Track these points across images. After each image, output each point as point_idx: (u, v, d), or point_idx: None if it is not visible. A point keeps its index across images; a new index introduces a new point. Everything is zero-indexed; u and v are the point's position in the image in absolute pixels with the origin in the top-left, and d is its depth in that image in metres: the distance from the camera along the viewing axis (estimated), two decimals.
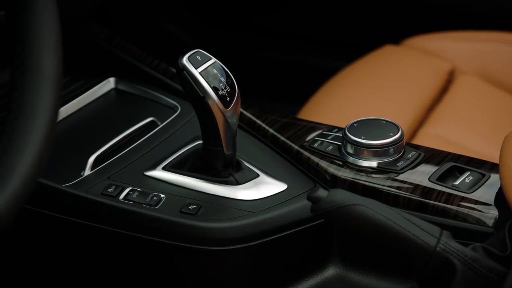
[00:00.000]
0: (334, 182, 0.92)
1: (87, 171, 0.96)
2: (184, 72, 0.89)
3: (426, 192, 0.89)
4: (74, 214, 0.91)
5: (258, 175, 0.95)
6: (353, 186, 0.91)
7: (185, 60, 0.89)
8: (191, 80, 0.89)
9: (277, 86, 1.56)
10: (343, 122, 1.01)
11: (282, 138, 0.98)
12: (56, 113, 0.73)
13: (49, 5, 0.72)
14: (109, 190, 0.92)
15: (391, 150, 0.92)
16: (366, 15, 1.49)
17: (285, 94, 1.54)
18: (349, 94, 1.22)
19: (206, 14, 1.58)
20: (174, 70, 1.08)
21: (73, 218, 0.91)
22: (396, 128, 0.93)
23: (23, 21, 0.71)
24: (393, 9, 1.49)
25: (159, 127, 1.03)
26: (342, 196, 0.83)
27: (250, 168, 0.96)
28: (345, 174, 0.92)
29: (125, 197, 0.91)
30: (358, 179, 0.91)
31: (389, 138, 0.92)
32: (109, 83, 1.11)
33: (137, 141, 1.00)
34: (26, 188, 0.69)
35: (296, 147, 0.96)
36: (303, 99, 1.29)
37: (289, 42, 1.55)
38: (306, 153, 0.95)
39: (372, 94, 1.22)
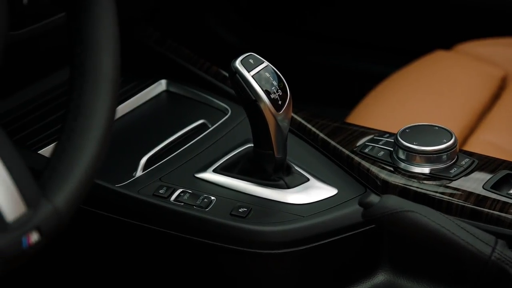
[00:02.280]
0: (385, 188, 0.91)
1: (139, 172, 0.97)
2: (237, 75, 0.89)
3: (480, 200, 0.88)
4: (126, 214, 0.92)
5: (308, 179, 0.95)
6: (404, 192, 0.90)
7: (238, 63, 0.90)
8: (243, 83, 0.89)
9: (325, 90, 1.56)
10: (393, 127, 1.00)
11: (333, 143, 0.98)
12: (113, 113, 0.74)
13: (109, 7, 0.73)
14: (161, 191, 0.93)
15: (444, 156, 0.91)
16: (416, 19, 1.48)
17: (333, 98, 1.54)
18: (400, 100, 1.21)
19: (255, 17, 1.58)
20: (224, 73, 1.09)
21: (125, 218, 0.92)
22: (450, 134, 0.92)
23: (83, 22, 0.72)
24: (444, 13, 1.47)
25: (209, 130, 1.03)
26: (394, 202, 0.82)
27: (300, 172, 0.96)
28: (396, 180, 0.91)
29: (176, 199, 0.92)
30: (410, 185, 0.90)
31: (442, 144, 0.91)
32: (161, 85, 1.12)
33: (188, 143, 1.01)
34: (84, 187, 0.70)
35: (346, 152, 0.96)
36: (351, 104, 1.28)
37: (338, 46, 1.54)
38: (357, 158, 0.95)
39: (423, 100, 1.21)
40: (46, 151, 0.98)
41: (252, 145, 0.95)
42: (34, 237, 0.65)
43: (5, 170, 0.64)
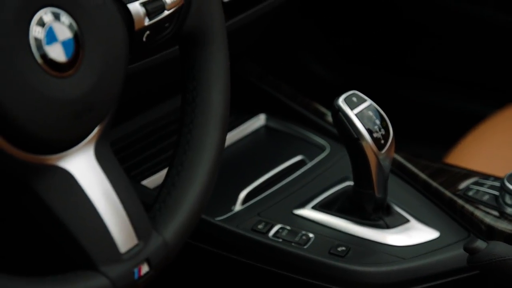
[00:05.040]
0: (490, 233, 0.89)
1: (238, 206, 0.97)
2: (340, 113, 0.89)
3: None
4: (225, 248, 0.93)
5: (408, 221, 0.93)
6: (511, 239, 0.87)
7: (341, 101, 0.89)
8: (346, 122, 0.89)
9: (419, 128, 1.53)
10: (497, 170, 0.98)
11: (434, 184, 0.96)
12: (222, 149, 0.75)
13: (222, 45, 0.75)
14: (259, 226, 0.93)
15: None
16: None
17: (428, 137, 1.51)
18: (503, 141, 1.18)
19: (350, 53, 1.58)
20: (323, 109, 1.09)
21: (224, 252, 0.93)
22: None
23: (197, 60, 0.74)
24: None
25: (308, 166, 1.03)
26: (503, 249, 0.80)
27: (400, 213, 0.94)
28: (503, 225, 0.88)
29: (274, 235, 0.92)
30: None
31: None
32: (260, 120, 1.13)
33: (286, 178, 1.01)
34: (192, 221, 0.70)
35: (449, 194, 0.94)
36: (446, 142, 1.26)
37: (435, 83, 1.52)
38: (460, 201, 0.93)
39: None
40: (149, 182, 0.99)
41: (351, 183, 0.94)
42: (144, 268, 0.66)
43: (120, 203, 0.65)
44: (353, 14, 1.56)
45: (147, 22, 0.69)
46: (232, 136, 1.09)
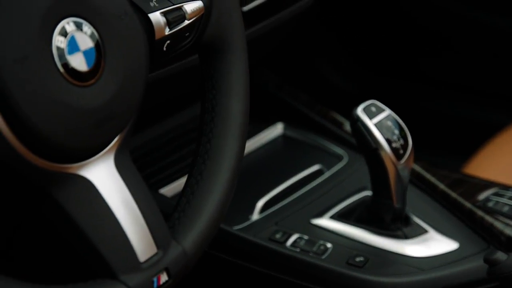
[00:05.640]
0: (510, 245, 0.88)
1: (255, 215, 0.97)
2: (358, 122, 0.89)
3: None
4: (242, 257, 0.92)
5: (427, 231, 0.93)
6: None
7: (359, 111, 0.89)
8: (364, 131, 0.89)
9: (437, 138, 1.52)
10: None
11: (453, 195, 0.95)
12: (241, 158, 0.75)
13: (242, 54, 0.75)
14: (277, 236, 0.93)
15: None
16: None
17: (448, 147, 1.50)
18: None
19: (367, 61, 1.58)
20: (341, 118, 1.09)
21: (241, 261, 0.92)
22: None
23: (217, 69, 0.74)
24: None
25: (325, 176, 1.03)
26: None
27: (419, 224, 0.94)
28: None
29: (292, 244, 0.92)
30: None
31: None
32: (277, 129, 1.12)
33: (304, 187, 1.01)
34: (211, 230, 0.70)
35: (468, 205, 0.93)
36: (467, 153, 1.25)
37: (455, 93, 1.51)
38: (480, 212, 0.92)
39: None
40: (167, 190, 0.99)
41: (369, 193, 0.94)
42: (163, 277, 0.66)
43: (139, 212, 0.65)
44: (371, 23, 1.55)
45: (167, 31, 0.69)
46: (250, 145, 1.09)
